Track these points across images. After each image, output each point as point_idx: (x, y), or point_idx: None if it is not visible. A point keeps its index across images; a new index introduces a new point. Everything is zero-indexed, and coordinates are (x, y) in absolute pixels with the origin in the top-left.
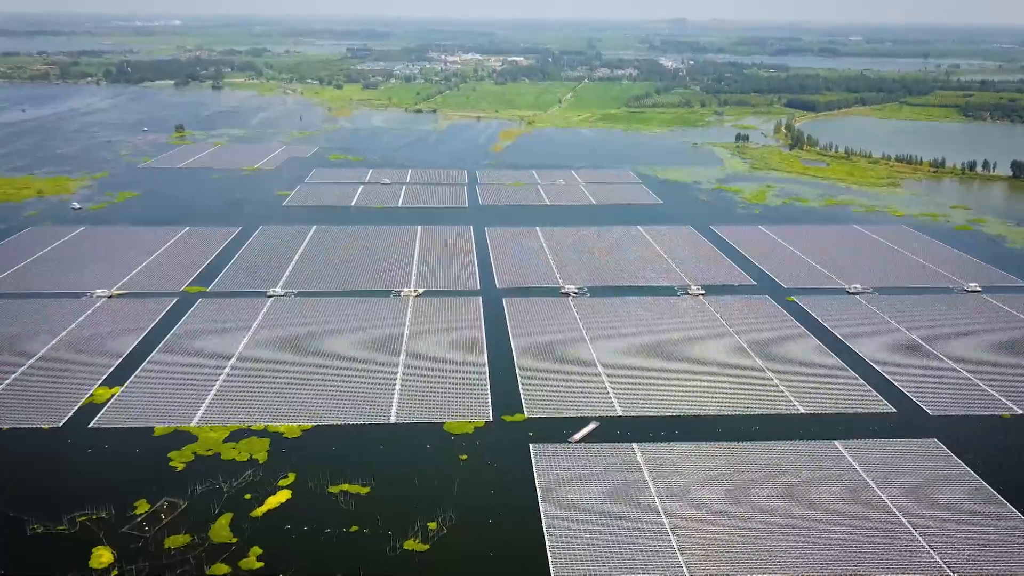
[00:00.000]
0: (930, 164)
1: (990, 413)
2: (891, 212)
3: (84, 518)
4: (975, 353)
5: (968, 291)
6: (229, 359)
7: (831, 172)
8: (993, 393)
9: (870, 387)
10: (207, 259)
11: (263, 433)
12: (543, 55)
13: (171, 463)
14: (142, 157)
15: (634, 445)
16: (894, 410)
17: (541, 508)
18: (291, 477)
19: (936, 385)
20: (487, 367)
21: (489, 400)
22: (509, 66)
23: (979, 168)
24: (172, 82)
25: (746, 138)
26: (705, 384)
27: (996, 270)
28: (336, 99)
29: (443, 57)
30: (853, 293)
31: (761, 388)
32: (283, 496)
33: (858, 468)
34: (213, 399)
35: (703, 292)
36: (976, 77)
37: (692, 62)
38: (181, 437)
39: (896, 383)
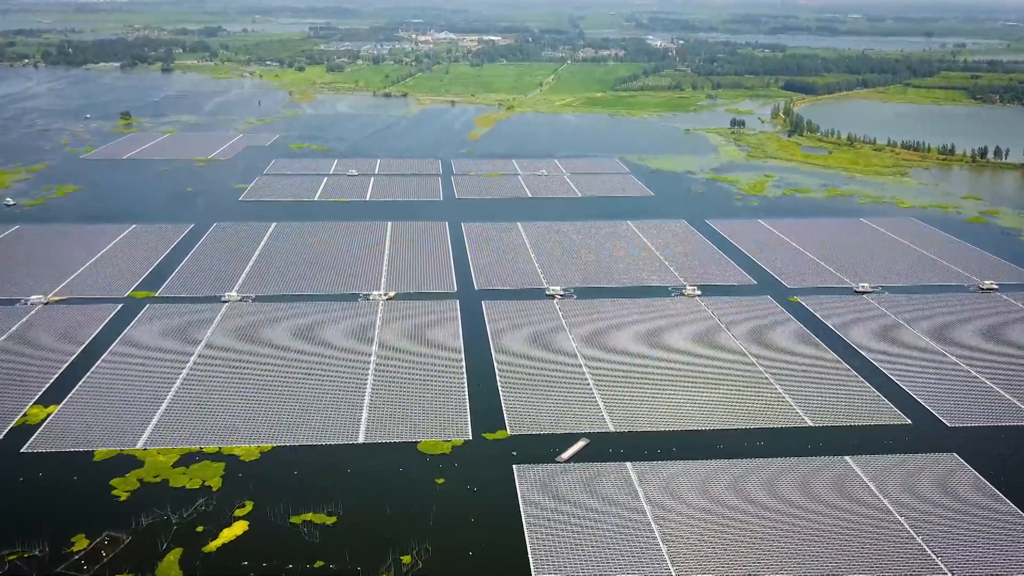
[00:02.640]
0: (938, 151)
1: (1012, 424)
2: (898, 203)
3: (14, 556)
4: (994, 358)
5: (984, 289)
6: (179, 373)
7: (833, 160)
8: (1015, 401)
9: (882, 396)
10: (155, 260)
11: (217, 456)
12: (522, 34)
13: (113, 492)
14: (84, 147)
15: (628, 464)
16: (909, 421)
17: (527, 538)
18: (248, 506)
19: (953, 393)
20: (465, 379)
21: (468, 416)
22: (486, 46)
23: (990, 155)
24: (117, 64)
25: (742, 124)
26: (704, 395)
27: (1013, 266)
28: (298, 82)
29: (414, 37)
30: (861, 292)
31: (765, 399)
32: (239, 528)
33: (872, 487)
34: (161, 418)
35: (699, 293)
36: (983, 57)
37: (682, 42)
38: (125, 462)
39: (910, 391)
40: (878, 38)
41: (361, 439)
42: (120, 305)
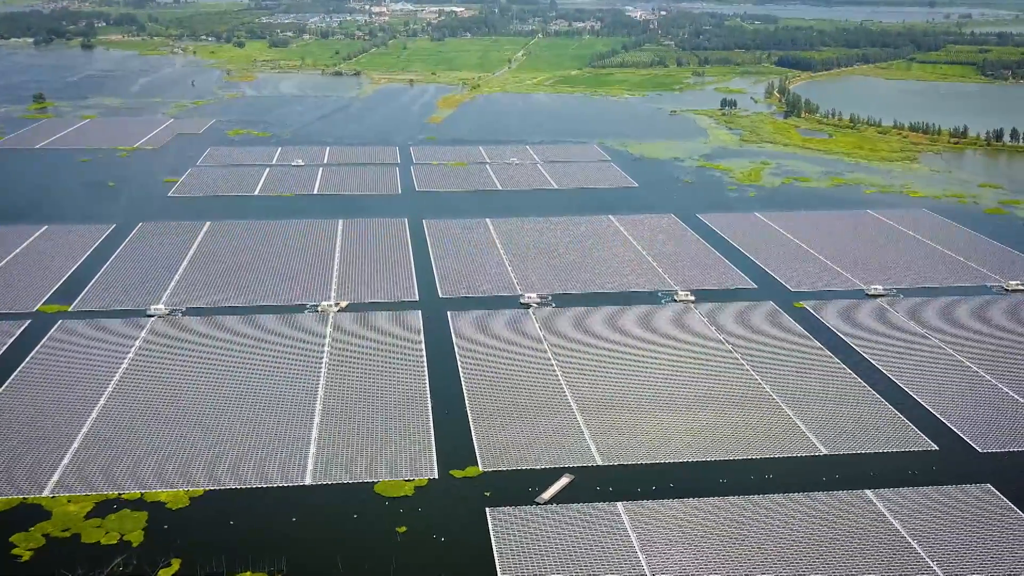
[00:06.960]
0: (950, 133)
1: None
2: (909, 193)
3: None
4: None
5: (1009, 291)
6: (95, 403)
7: (835, 144)
8: None
9: (904, 419)
10: (70, 268)
11: (138, 504)
12: (488, 5)
13: (14, 550)
14: None
15: (619, 504)
16: (935, 447)
17: None
18: (175, 565)
19: (983, 414)
20: (430, 406)
21: (433, 451)
22: (447, 18)
23: (1007, 138)
24: (31, 40)
25: (733, 104)
26: (703, 421)
27: None
28: (236, 60)
29: (368, 8)
30: (874, 296)
31: (772, 424)
32: None
33: (896, 525)
34: (73, 459)
35: (692, 299)
36: (991, 29)
37: (664, 12)
38: (28, 513)
39: (936, 413)
40: (877, 8)
41: (308, 480)
42: (27, 322)
